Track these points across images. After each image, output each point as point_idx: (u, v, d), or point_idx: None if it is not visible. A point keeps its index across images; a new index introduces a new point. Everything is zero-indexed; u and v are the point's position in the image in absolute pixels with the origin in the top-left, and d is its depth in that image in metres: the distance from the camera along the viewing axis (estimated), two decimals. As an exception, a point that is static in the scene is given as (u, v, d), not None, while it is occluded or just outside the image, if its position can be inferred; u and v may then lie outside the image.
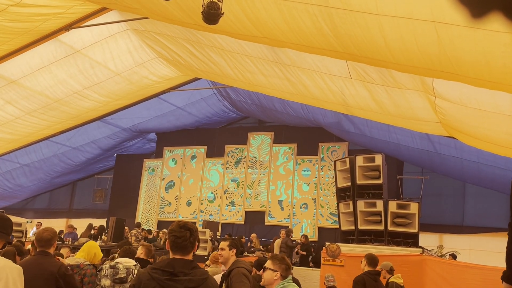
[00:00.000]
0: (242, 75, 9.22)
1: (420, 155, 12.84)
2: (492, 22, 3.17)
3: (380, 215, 8.68)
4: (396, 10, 3.81)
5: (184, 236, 2.63)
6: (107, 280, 4.26)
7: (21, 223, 12.10)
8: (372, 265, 5.45)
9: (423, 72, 5.04)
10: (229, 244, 4.13)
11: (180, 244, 2.63)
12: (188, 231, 2.66)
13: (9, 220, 3.25)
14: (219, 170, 16.60)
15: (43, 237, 4.04)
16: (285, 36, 5.33)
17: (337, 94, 7.89)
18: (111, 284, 4.24)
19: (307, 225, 14.83)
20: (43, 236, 4.05)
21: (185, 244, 2.63)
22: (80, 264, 4.63)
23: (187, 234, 2.64)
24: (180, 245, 2.63)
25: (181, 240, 2.63)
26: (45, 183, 18.01)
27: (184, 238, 2.63)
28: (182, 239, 2.63)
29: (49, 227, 4.24)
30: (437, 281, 7.42)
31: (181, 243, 2.63)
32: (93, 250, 4.83)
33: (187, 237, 2.64)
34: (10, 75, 10.73)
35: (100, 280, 4.29)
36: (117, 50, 10.86)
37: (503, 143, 6.47)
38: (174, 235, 2.65)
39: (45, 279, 3.86)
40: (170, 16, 6.51)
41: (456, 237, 13.73)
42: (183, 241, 2.63)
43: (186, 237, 2.64)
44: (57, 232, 4.31)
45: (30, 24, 8.58)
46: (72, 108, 12.64)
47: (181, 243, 2.63)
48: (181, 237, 2.63)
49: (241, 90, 13.49)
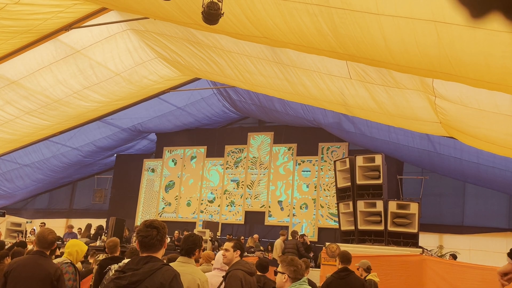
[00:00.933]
0: (242, 75, 9.22)
1: (420, 155, 12.84)
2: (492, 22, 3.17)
3: (380, 215, 8.68)
4: (396, 9, 3.81)
5: (150, 235, 2.72)
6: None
7: (21, 223, 12.10)
8: (344, 263, 5.44)
9: (423, 73, 5.04)
10: (234, 245, 4.13)
11: (147, 243, 2.72)
12: (154, 229, 2.74)
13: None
14: (219, 170, 16.60)
15: (48, 239, 4.06)
16: (285, 36, 5.33)
17: (336, 94, 7.89)
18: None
19: (307, 225, 14.82)
20: (47, 238, 4.07)
21: (152, 242, 2.72)
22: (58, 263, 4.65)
23: (154, 233, 2.73)
24: (147, 244, 2.72)
25: (148, 239, 2.72)
26: (45, 183, 18.01)
27: (150, 237, 2.72)
28: (149, 238, 2.72)
29: (52, 230, 4.27)
30: (437, 281, 7.42)
31: (148, 242, 2.72)
32: (75, 248, 4.85)
33: (153, 236, 2.72)
34: (10, 75, 10.73)
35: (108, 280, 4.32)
36: (117, 50, 10.86)
37: (503, 143, 6.47)
38: (141, 235, 2.73)
39: (41, 279, 3.89)
40: (170, 16, 6.52)
41: (456, 237, 13.73)
42: (149, 240, 2.72)
43: (152, 235, 2.72)
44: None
45: (30, 23, 8.57)
46: (72, 108, 12.64)
47: (148, 242, 2.72)
48: (148, 236, 2.72)
49: (241, 90, 13.49)
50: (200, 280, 3.80)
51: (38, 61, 10.46)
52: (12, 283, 3.89)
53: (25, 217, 17.09)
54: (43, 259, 4.01)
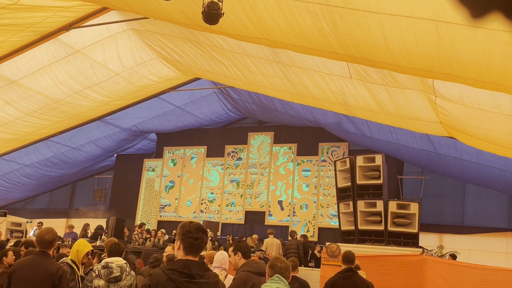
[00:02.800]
0: (242, 74, 9.22)
1: (420, 155, 12.84)
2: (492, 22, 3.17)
3: (380, 215, 8.67)
4: (397, 8, 3.81)
5: (201, 238, 2.61)
6: (100, 280, 4.26)
7: (21, 223, 12.10)
8: (346, 263, 5.46)
9: (423, 74, 5.04)
10: (233, 249, 4.10)
11: (197, 246, 2.60)
12: (204, 233, 2.65)
13: None
14: (219, 170, 16.60)
15: (45, 239, 4.09)
16: (285, 37, 5.32)
17: (337, 93, 7.89)
18: (105, 284, 4.24)
19: (307, 225, 14.82)
20: (44, 238, 4.10)
21: (201, 246, 2.61)
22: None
23: (203, 236, 2.63)
24: (197, 246, 2.60)
25: (199, 242, 2.60)
26: (45, 183, 18.01)
27: (201, 240, 2.61)
28: (200, 240, 2.60)
29: (51, 228, 4.28)
30: (437, 281, 7.41)
31: (198, 245, 2.60)
32: (75, 247, 4.88)
33: (203, 239, 2.62)
34: (10, 75, 10.73)
35: (92, 281, 4.28)
36: (117, 50, 10.85)
37: (504, 143, 6.47)
38: (192, 237, 2.59)
39: (43, 279, 3.93)
40: (170, 17, 6.51)
41: (456, 237, 13.73)
42: (200, 243, 2.60)
43: (202, 239, 2.62)
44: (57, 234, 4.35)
45: (30, 20, 8.55)
46: (72, 108, 12.63)
47: (198, 244, 2.60)
48: (199, 239, 2.60)
49: (241, 90, 13.49)
50: None
51: (38, 61, 10.45)
52: (15, 283, 3.94)
53: (25, 217, 17.09)
54: (45, 259, 4.06)
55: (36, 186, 17.93)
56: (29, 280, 3.93)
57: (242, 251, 4.05)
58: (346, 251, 5.65)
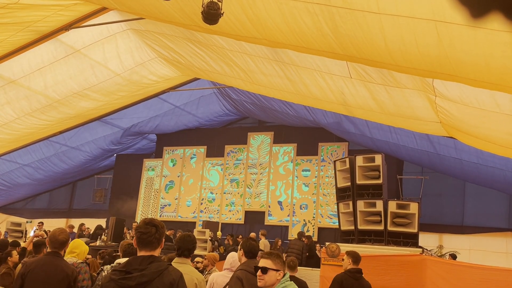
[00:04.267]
0: (242, 74, 9.21)
1: (420, 155, 12.84)
2: (492, 22, 3.17)
3: (380, 215, 8.66)
4: (397, 9, 3.81)
5: (149, 232, 2.68)
6: None
7: (21, 223, 12.08)
8: (356, 263, 5.46)
9: (423, 74, 5.04)
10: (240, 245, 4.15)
11: (145, 240, 2.67)
12: (154, 227, 2.71)
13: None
14: (219, 170, 16.60)
15: (59, 239, 4.08)
16: (285, 38, 5.32)
17: (337, 93, 7.89)
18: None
19: (306, 225, 14.82)
20: (58, 238, 4.08)
21: (150, 240, 2.67)
22: (74, 263, 4.69)
23: (153, 230, 2.69)
24: (145, 241, 2.67)
25: (146, 236, 2.67)
26: (45, 183, 18.01)
27: (149, 234, 2.68)
28: (148, 235, 2.67)
29: (64, 230, 4.27)
30: (437, 281, 7.41)
31: (146, 239, 2.67)
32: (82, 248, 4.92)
33: (152, 233, 2.68)
34: (10, 75, 10.73)
35: (101, 280, 4.30)
36: (117, 50, 10.86)
37: (504, 142, 6.47)
38: (140, 231, 2.69)
39: (59, 280, 3.92)
40: (170, 17, 6.51)
41: (456, 237, 13.73)
42: (148, 237, 2.67)
43: (151, 233, 2.68)
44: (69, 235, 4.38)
45: (29, 19, 8.54)
46: (72, 108, 12.63)
47: (146, 239, 2.67)
48: (147, 233, 2.68)
49: (241, 90, 13.49)
50: (197, 279, 3.81)
51: (38, 61, 10.45)
52: (29, 284, 3.88)
53: (25, 217, 17.10)
54: (59, 260, 4.05)
55: (36, 186, 17.94)
56: (45, 281, 3.89)
57: (245, 249, 4.05)
58: (355, 252, 5.63)
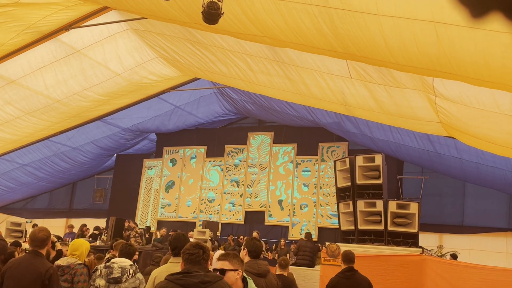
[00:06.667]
0: (242, 74, 9.21)
1: (420, 155, 12.84)
2: (492, 22, 3.17)
3: (380, 215, 8.66)
4: (396, 10, 3.81)
5: (197, 253, 2.84)
6: (101, 280, 4.24)
7: (21, 223, 12.07)
8: (346, 262, 5.46)
9: (423, 72, 5.04)
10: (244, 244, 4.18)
11: (193, 261, 2.82)
12: (201, 249, 2.87)
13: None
14: (219, 170, 16.60)
15: (38, 237, 4.04)
16: (285, 36, 5.33)
17: (337, 93, 7.89)
18: (105, 284, 4.21)
19: (307, 225, 14.83)
20: (38, 236, 4.04)
21: (198, 260, 2.83)
22: (71, 264, 4.67)
23: (200, 252, 2.85)
24: (193, 261, 2.82)
25: (195, 257, 2.82)
26: (45, 183, 18.01)
27: (197, 254, 2.83)
28: (196, 255, 2.83)
29: (44, 227, 4.23)
30: (437, 281, 7.41)
31: (195, 259, 2.82)
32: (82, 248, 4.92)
33: (200, 254, 2.84)
34: (10, 75, 10.73)
35: (95, 280, 4.27)
36: (117, 50, 10.85)
37: (504, 143, 6.47)
38: (188, 253, 2.84)
39: (32, 279, 3.87)
40: (170, 16, 6.52)
41: (456, 237, 13.73)
42: (196, 257, 2.82)
43: (199, 254, 2.84)
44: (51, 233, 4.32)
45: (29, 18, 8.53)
46: (72, 108, 12.63)
47: (194, 259, 2.82)
48: (194, 254, 2.83)
49: (241, 90, 13.49)
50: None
51: (38, 61, 10.45)
52: (6, 283, 3.90)
53: (25, 217, 17.10)
54: (37, 259, 3.99)
55: (36, 186, 17.94)
56: (18, 280, 3.87)
57: (249, 248, 4.08)
58: (346, 250, 5.65)
